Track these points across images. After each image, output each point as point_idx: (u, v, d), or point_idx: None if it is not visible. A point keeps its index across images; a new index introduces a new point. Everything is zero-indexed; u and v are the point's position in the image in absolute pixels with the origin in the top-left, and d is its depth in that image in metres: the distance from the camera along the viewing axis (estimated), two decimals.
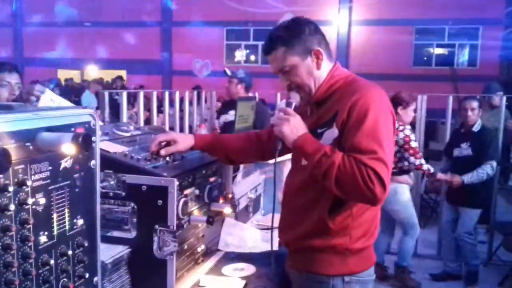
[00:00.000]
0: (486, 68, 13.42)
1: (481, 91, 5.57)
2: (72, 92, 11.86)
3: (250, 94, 4.40)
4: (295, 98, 1.52)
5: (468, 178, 3.73)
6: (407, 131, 3.64)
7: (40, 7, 16.85)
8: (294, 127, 1.43)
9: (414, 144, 3.65)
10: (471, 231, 3.95)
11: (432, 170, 3.71)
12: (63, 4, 16.40)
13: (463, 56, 15.07)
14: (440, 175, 3.80)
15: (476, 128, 3.89)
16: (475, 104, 3.88)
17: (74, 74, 17.23)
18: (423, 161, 3.69)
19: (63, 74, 16.62)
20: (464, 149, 3.89)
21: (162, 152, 1.60)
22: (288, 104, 1.52)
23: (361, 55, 14.56)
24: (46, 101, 2.13)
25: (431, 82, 12.56)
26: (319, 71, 1.49)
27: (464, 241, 3.93)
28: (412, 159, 3.62)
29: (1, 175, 0.82)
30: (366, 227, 1.48)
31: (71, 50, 16.55)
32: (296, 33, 1.48)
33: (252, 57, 16.35)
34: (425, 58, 15.19)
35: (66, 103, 2.34)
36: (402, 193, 3.74)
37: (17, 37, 17.91)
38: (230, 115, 4.11)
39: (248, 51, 16.42)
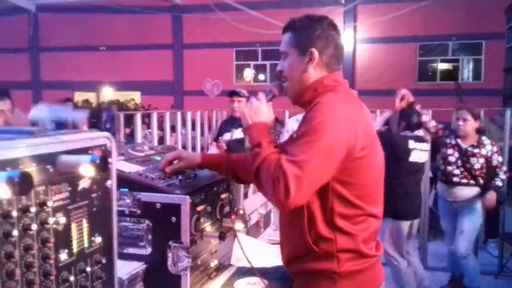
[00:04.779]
0: (490, 82, 13.44)
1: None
2: (88, 114, 12.08)
3: None
4: (276, 86, 1.52)
5: None
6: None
7: (56, 32, 17.33)
8: (254, 112, 1.42)
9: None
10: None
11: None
12: (78, 30, 16.85)
13: (468, 71, 15.10)
14: None
15: None
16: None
17: (90, 96, 17.59)
18: None
19: (79, 96, 16.98)
20: None
21: (167, 169, 1.65)
22: (269, 91, 1.51)
23: (366, 72, 14.68)
24: None
25: (436, 97, 12.58)
26: (306, 74, 1.45)
27: None
28: None
29: (24, 197, 0.87)
30: (358, 248, 1.36)
31: (87, 73, 16.92)
32: (308, 27, 1.45)
33: (261, 76, 16.53)
34: (430, 74, 15.24)
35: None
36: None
37: (34, 61, 18.39)
38: (234, 133, 4.16)
39: (255, 71, 16.61)
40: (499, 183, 3.79)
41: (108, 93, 17.81)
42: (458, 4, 13.45)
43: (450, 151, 3.92)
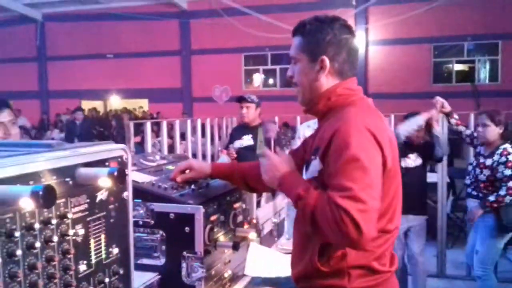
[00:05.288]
0: (507, 83, 13.31)
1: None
2: (96, 123, 12.17)
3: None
4: (273, 130, 1.49)
5: None
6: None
7: (63, 42, 17.53)
8: (270, 171, 1.37)
9: None
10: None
11: None
12: (85, 38, 17.03)
13: (484, 72, 14.95)
14: None
15: None
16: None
17: (97, 105, 17.73)
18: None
19: (86, 105, 17.17)
20: None
21: (178, 179, 1.66)
22: (267, 141, 1.47)
23: (379, 74, 14.59)
24: None
25: (452, 99, 12.48)
26: (318, 82, 1.39)
27: None
28: None
29: (45, 209, 0.89)
30: (370, 265, 1.33)
31: (95, 82, 17.09)
32: (318, 31, 1.38)
33: (271, 81, 16.55)
34: (445, 75, 15.11)
35: None
36: None
37: (41, 71, 18.60)
38: (244, 140, 4.17)
39: (264, 76, 16.65)
40: (491, 197, 3.41)
41: (115, 101, 17.94)
42: (473, 4, 13.32)
43: (472, 159, 3.74)
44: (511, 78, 13.14)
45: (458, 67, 15.12)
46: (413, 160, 3.73)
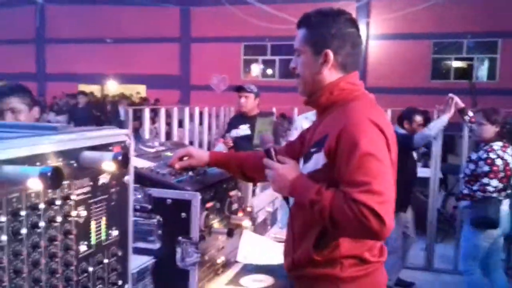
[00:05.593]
0: (506, 81, 13.35)
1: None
2: (93, 107, 12.10)
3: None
4: (270, 141, 1.47)
5: None
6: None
7: (62, 25, 17.38)
8: (278, 181, 1.38)
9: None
10: None
11: None
12: (85, 22, 16.89)
13: (482, 70, 14.99)
14: None
15: None
16: None
17: (94, 89, 17.64)
18: None
19: (83, 89, 17.05)
20: None
21: (176, 165, 1.69)
22: (267, 152, 1.44)
23: (378, 68, 14.60)
24: None
25: None
26: (321, 75, 1.41)
27: None
28: None
29: (50, 190, 0.92)
30: (362, 255, 1.36)
31: (93, 66, 16.97)
32: (323, 25, 1.40)
33: (270, 71, 16.52)
34: (444, 72, 15.15)
35: None
36: None
37: (40, 53, 18.45)
38: (241, 130, 4.18)
39: (263, 66, 16.61)
40: (466, 191, 3.43)
41: (112, 86, 17.85)
42: (474, 1, 13.33)
43: None
44: (509, 77, 13.17)
45: (457, 64, 15.14)
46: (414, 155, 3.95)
